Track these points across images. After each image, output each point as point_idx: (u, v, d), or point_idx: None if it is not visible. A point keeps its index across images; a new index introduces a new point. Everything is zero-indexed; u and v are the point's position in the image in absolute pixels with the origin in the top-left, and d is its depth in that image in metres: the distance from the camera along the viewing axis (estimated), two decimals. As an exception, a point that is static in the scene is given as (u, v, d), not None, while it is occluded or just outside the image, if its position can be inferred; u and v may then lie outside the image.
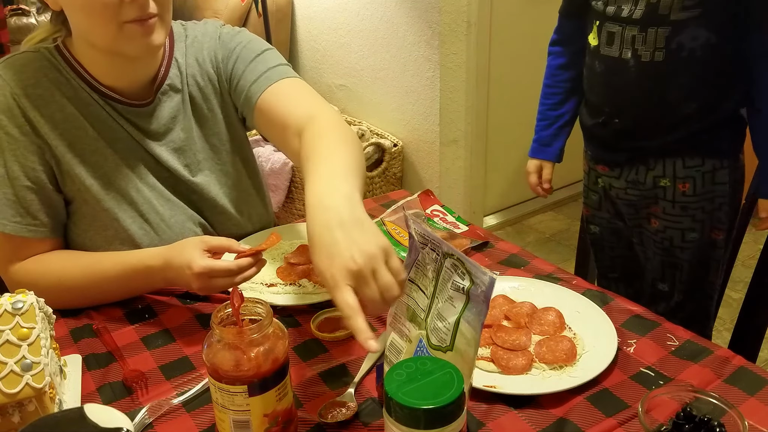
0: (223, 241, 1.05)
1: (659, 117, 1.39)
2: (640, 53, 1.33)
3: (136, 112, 1.17)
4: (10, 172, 1.09)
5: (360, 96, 3.10)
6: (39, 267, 1.12)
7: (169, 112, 1.20)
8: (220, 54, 1.24)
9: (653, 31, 1.30)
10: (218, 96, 1.25)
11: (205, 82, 1.24)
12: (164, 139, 1.20)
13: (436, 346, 0.79)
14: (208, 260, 1.01)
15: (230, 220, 1.28)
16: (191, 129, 1.23)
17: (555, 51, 1.63)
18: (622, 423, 0.86)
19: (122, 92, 1.16)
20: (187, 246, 1.04)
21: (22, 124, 1.09)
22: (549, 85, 1.65)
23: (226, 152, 1.26)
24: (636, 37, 1.32)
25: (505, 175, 3.16)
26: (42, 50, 1.13)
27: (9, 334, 0.82)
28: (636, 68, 1.35)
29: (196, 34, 1.25)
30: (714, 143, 1.39)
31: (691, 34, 1.28)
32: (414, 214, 1.35)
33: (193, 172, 1.23)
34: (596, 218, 1.64)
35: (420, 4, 2.61)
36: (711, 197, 1.41)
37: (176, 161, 1.21)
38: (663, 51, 1.30)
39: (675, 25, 1.28)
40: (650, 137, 1.41)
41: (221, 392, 0.78)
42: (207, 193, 1.24)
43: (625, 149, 1.45)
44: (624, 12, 1.33)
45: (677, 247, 1.46)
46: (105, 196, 1.15)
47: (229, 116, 1.26)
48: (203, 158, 1.24)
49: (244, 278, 1.01)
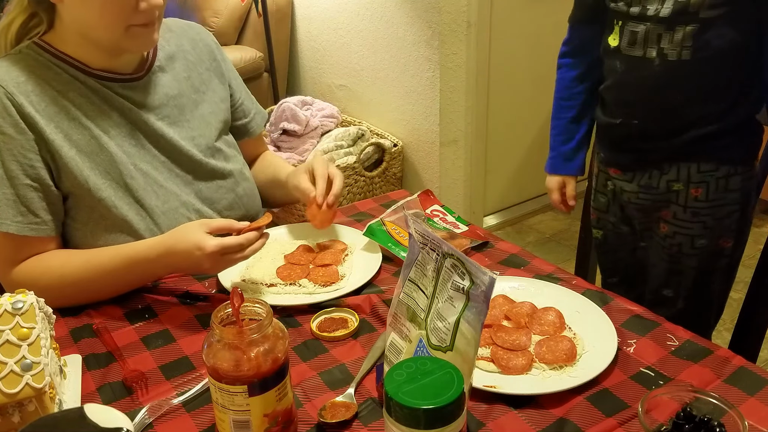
0: (222, 222, 1.10)
1: (678, 117, 1.38)
2: (666, 52, 1.32)
3: (131, 86, 1.20)
4: (9, 171, 1.09)
5: (360, 96, 3.10)
6: (39, 266, 1.13)
7: (162, 88, 1.25)
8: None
9: (681, 29, 1.29)
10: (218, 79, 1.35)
11: (201, 63, 1.33)
12: (161, 113, 1.24)
13: (436, 346, 0.79)
14: (217, 239, 1.06)
15: (227, 192, 1.32)
16: (184, 105, 1.28)
17: (567, 63, 1.60)
18: (622, 423, 0.86)
19: (114, 71, 1.19)
20: (190, 230, 1.08)
21: (18, 122, 1.10)
22: (564, 98, 1.60)
23: (215, 129, 1.33)
24: (662, 35, 1.31)
25: (505, 175, 3.16)
26: (24, 51, 1.15)
27: (9, 334, 0.82)
28: (661, 67, 1.33)
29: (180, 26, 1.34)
30: (729, 149, 1.38)
31: (718, 32, 1.28)
32: (414, 214, 1.35)
33: (189, 140, 1.27)
34: (602, 221, 1.63)
35: (420, 4, 2.61)
36: (722, 204, 1.40)
37: (174, 132, 1.25)
38: (690, 49, 1.29)
39: (704, 23, 1.28)
40: (668, 138, 1.40)
41: (221, 392, 0.78)
42: (206, 163, 1.28)
43: (641, 151, 1.44)
44: (650, 11, 1.32)
45: (685, 254, 1.46)
46: (101, 186, 1.16)
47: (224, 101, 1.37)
48: (197, 132, 1.29)
49: (253, 250, 1.08)
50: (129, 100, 1.19)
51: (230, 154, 1.35)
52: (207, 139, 1.30)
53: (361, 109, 3.13)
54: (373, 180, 2.86)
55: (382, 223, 1.30)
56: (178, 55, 1.29)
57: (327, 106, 3.03)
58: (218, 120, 1.33)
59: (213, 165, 1.29)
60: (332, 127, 2.99)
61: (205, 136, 1.29)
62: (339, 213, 1.43)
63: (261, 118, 1.47)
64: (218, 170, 1.30)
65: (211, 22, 3.28)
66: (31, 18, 1.15)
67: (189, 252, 1.06)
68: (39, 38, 1.15)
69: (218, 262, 1.07)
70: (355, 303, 1.11)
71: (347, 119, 3.10)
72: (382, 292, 1.15)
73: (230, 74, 1.39)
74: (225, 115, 1.36)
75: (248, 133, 1.44)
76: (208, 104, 1.32)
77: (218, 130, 1.33)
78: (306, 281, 1.17)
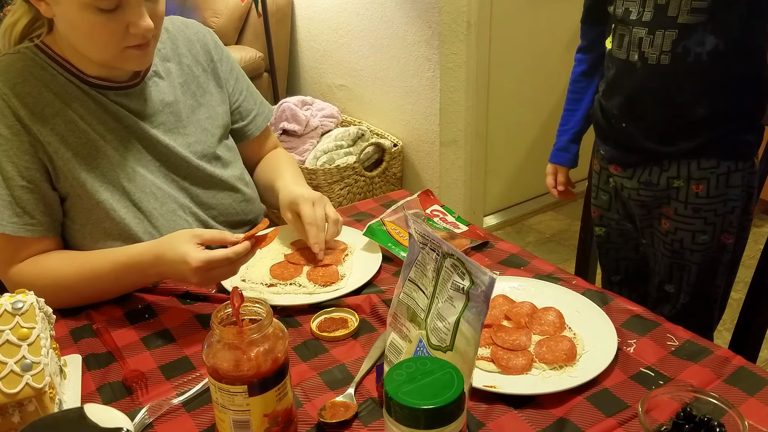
0: (215, 233, 1.06)
1: (667, 121, 1.38)
2: (647, 56, 1.33)
3: (126, 94, 1.19)
4: (5, 173, 1.09)
5: (360, 96, 3.10)
6: (35, 268, 1.13)
7: (158, 95, 1.23)
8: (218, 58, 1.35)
9: (660, 33, 1.30)
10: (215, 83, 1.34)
11: (198, 67, 1.31)
12: (156, 120, 1.22)
13: (436, 346, 0.79)
14: (204, 252, 1.02)
15: (225, 199, 1.31)
16: (181, 111, 1.26)
17: (578, 58, 1.65)
18: (622, 423, 0.86)
19: (109, 79, 1.18)
20: (180, 240, 1.04)
21: (13, 123, 1.10)
22: (571, 91, 1.68)
23: (213, 135, 1.31)
24: (643, 39, 1.32)
25: (505, 175, 3.16)
26: (23, 50, 1.14)
27: (9, 334, 0.82)
28: (642, 71, 1.35)
29: (178, 25, 1.32)
30: (730, 146, 1.38)
31: (698, 39, 1.28)
32: (414, 214, 1.35)
33: (185, 147, 1.26)
34: (604, 219, 1.64)
35: (420, 4, 2.61)
36: (724, 200, 1.40)
37: (170, 139, 1.23)
38: (669, 54, 1.30)
39: (682, 29, 1.28)
40: (660, 141, 1.40)
41: (221, 392, 0.78)
42: (203, 170, 1.27)
43: (639, 151, 1.45)
44: (633, 15, 1.33)
45: (687, 249, 1.46)
46: (99, 189, 1.15)
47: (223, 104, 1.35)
48: (194, 138, 1.27)
49: (242, 262, 1.04)
50: (124, 107, 1.18)
51: (230, 160, 1.33)
52: (204, 145, 1.28)
53: (361, 109, 3.13)
54: (373, 180, 2.86)
55: (382, 223, 1.30)
56: (173, 58, 1.28)
57: (327, 106, 3.03)
58: (216, 125, 1.32)
59: (210, 171, 1.28)
60: (332, 127, 2.99)
61: (202, 142, 1.28)
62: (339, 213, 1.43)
63: (262, 119, 1.44)
64: (216, 177, 1.29)
65: (211, 22, 3.28)
66: (35, 20, 1.15)
67: (176, 264, 1.03)
68: (40, 40, 1.15)
69: (205, 277, 1.03)
70: (355, 303, 1.11)
71: (347, 119, 3.10)
72: (382, 292, 1.15)
73: (228, 75, 1.36)
74: (224, 120, 1.34)
75: (246, 136, 1.41)
76: (206, 109, 1.31)
77: (218, 136, 1.32)
78: (306, 281, 1.17)
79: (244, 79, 1.41)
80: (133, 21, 1.06)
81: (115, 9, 1.04)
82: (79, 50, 1.12)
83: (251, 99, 1.42)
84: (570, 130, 1.68)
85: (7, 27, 1.16)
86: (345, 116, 3.12)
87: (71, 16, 1.05)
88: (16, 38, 1.16)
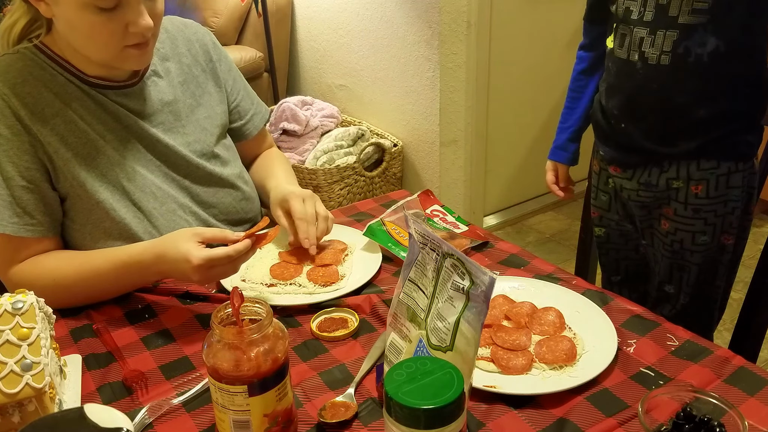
0: (216, 232, 1.07)
1: (668, 121, 1.38)
2: (647, 56, 1.33)
3: (125, 93, 1.19)
4: (5, 173, 1.09)
5: (360, 96, 3.10)
6: (35, 268, 1.13)
7: (157, 94, 1.23)
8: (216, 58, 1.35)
9: (661, 33, 1.30)
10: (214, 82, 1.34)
11: (197, 67, 1.31)
12: (156, 120, 1.22)
13: (436, 346, 0.79)
14: (205, 250, 1.02)
15: (225, 197, 1.31)
16: (180, 111, 1.26)
17: (579, 56, 1.65)
18: (622, 423, 0.86)
19: (109, 79, 1.18)
20: (181, 239, 1.05)
21: (13, 123, 1.10)
22: (572, 89, 1.68)
23: (212, 135, 1.31)
24: (644, 39, 1.32)
25: (505, 175, 3.16)
26: (22, 51, 1.14)
27: (9, 334, 0.82)
28: (643, 71, 1.34)
29: (177, 25, 1.33)
30: (730, 146, 1.38)
31: (699, 40, 1.28)
32: (414, 214, 1.35)
33: (185, 146, 1.26)
34: (604, 220, 1.63)
35: (420, 4, 2.61)
36: (724, 201, 1.40)
37: (170, 138, 1.24)
38: (669, 55, 1.30)
39: (683, 29, 1.28)
40: (660, 142, 1.40)
41: (221, 392, 0.78)
42: (203, 168, 1.27)
43: (639, 151, 1.45)
44: (634, 14, 1.33)
45: (687, 250, 1.46)
46: (99, 188, 1.15)
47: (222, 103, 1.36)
48: (193, 137, 1.28)
49: (243, 260, 1.05)
50: (124, 107, 1.19)
51: (229, 159, 1.34)
52: (203, 144, 1.29)
53: (361, 109, 3.13)
54: (373, 180, 2.86)
55: (382, 223, 1.30)
56: (173, 57, 1.28)
57: (327, 106, 3.03)
58: (215, 125, 1.32)
59: (210, 170, 1.29)
60: (332, 127, 2.99)
61: (201, 141, 1.28)
62: (339, 213, 1.43)
63: (260, 118, 1.45)
64: (215, 175, 1.30)
65: (211, 22, 3.28)
66: (35, 20, 1.15)
67: (177, 262, 1.03)
68: (39, 41, 1.15)
69: (206, 276, 1.03)
70: (355, 303, 1.11)
71: (347, 119, 3.10)
72: (382, 292, 1.15)
73: (226, 75, 1.37)
74: (222, 119, 1.35)
75: (244, 136, 1.42)
76: (205, 108, 1.31)
77: (216, 135, 1.32)
78: (306, 281, 1.17)
79: (241, 79, 1.42)
80: (132, 20, 1.06)
81: (115, 8, 1.04)
82: (79, 50, 1.12)
83: (248, 99, 1.43)
84: (569, 129, 1.68)
85: (7, 27, 1.16)
86: (345, 116, 3.12)
87: (70, 15, 1.06)
88: (15, 38, 1.16)
